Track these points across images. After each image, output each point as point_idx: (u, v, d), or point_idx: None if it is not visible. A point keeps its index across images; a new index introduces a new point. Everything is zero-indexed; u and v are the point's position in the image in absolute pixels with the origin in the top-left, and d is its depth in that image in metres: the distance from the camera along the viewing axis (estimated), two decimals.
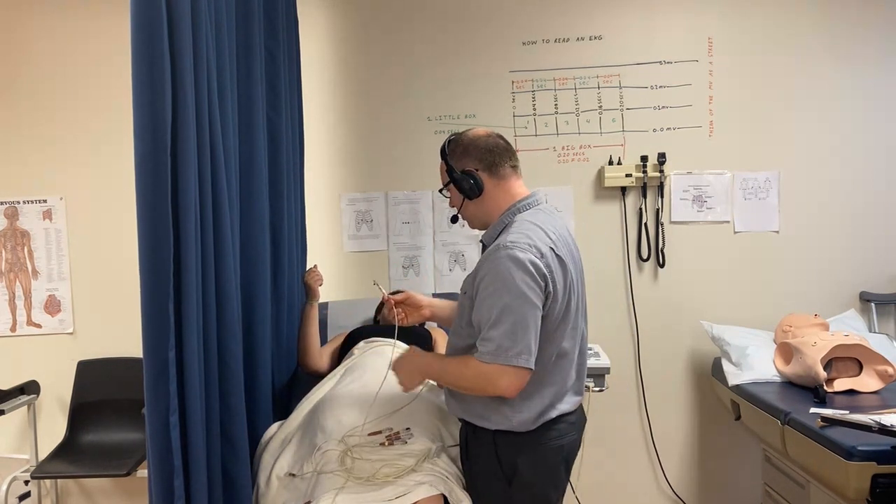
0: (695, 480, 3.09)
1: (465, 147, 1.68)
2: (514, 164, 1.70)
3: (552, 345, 1.60)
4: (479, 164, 1.66)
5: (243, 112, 2.04)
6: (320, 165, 3.09)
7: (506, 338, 1.49)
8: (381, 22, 3.08)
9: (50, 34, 3.07)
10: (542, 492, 1.68)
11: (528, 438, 1.63)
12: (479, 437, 1.68)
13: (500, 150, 1.67)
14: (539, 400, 1.61)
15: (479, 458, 1.70)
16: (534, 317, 1.51)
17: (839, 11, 2.98)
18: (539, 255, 1.52)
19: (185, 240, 1.48)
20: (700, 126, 3.03)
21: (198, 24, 1.53)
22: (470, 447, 1.73)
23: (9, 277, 3.12)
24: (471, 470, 1.75)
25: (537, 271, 1.51)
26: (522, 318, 1.49)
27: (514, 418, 1.61)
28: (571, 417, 1.70)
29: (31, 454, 2.99)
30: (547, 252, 1.55)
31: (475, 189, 1.65)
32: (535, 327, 1.52)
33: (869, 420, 1.89)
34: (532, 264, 1.50)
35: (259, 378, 2.10)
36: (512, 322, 1.49)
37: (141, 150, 1.38)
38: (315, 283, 2.57)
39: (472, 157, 1.66)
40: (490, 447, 1.65)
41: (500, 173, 1.67)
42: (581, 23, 3.05)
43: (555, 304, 1.56)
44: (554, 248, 1.57)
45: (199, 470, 1.52)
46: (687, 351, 3.07)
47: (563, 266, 1.58)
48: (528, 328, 1.50)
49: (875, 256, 3.01)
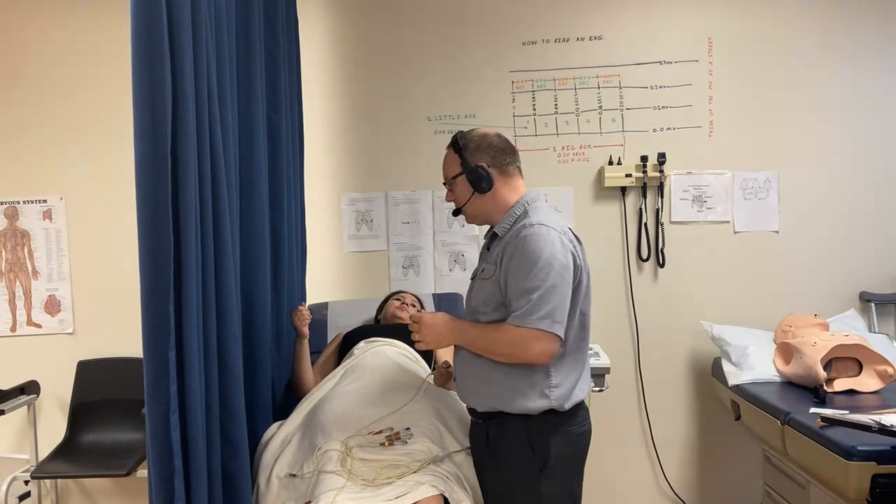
0: (695, 480, 3.09)
1: (477, 143, 1.76)
2: (518, 165, 1.81)
3: (579, 318, 1.70)
4: (491, 160, 1.75)
5: (243, 112, 2.04)
6: (320, 165, 3.09)
7: (540, 305, 1.58)
8: (381, 22, 3.08)
9: (50, 34, 3.07)
10: (569, 482, 1.73)
11: (560, 421, 1.69)
12: (508, 429, 1.70)
13: (509, 150, 1.78)
14: (573, 374, 1.70)
15: (507, 450, 1.71)
16: (565, 288, 1.61)
17: (839, 12, 2.98)
18: (561, 231, 1.66)
19: (185, 240, 1.48)
20: (700, 126, 3.03)
21: (198, 24, 1.53)
22: (494, 442, 1.73)
23: (9, 277, 3.12)
24: (497, 466, 1.73)
25: (564, 246, 1.63)
26: (554, 287, 1.59)
27: (553, 393, 1.66)
28: (586, 403, 1.79)
29: (31, 454, 2.99)
30: (566, 230, 1.69)
31: (487, 183, 1.73)
32: (567, 298, 1.62)
33: (869, 420, 1.89)
34: (560, 240, 1.63)
35: (259, 378, 2.10)
36: (546, 290, 1.58)
37: (141, 151, 1.38)
38: (302, 324, 2.38)
39: (485, 153, 1.75)
40: (521, 436, 1.68)
41: (508, 171, 1.77)
42: (581, 23, 3.05)
43: (580, 277, 1.67)
44: (571, 228, 1.72)
45: (199, 470, 1.52)
46: (687, 351, 3.07)
47: (580, 244, 1.73)
48: (561, 298, 1.60)
49: (875, 256, 3.01)
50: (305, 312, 2.40)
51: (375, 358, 2.22)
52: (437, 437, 1.90)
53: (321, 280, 3.05)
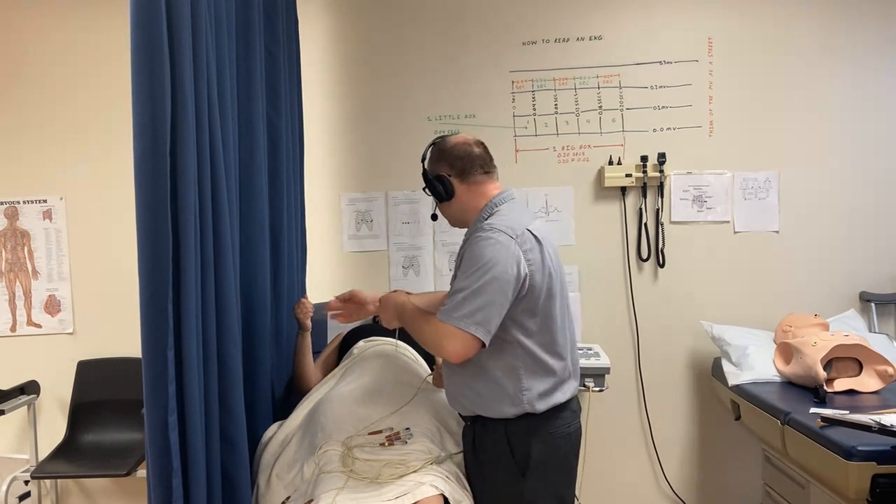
0: (695, 480, 3.09)
1: (439, 153, 1.81)
2: (487, 171, 1.80)
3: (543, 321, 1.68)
4: (451, 169, 1.78)
5: (243, 112, 2.04)
6: (320, 165, 3.09)
7: (464, 304, 1.59)
8: (381, 22, 3.08)
9: (50, 34, 3.07)
10: (555, 483, 1.73)
11: (539, 424, 1.69)
12: (490, 432, 1.72)
13: (473, 157, 1.78)
14: (547, 378, 1.69)
15: (490, 453, 1.73)
16: (495, 293, 1.59)
17: (839, 12, 2.98)
18: (514, 235, 1.63)
19: (184, 240, 1.48)
20: (700, 126, 3.03)
21: (198, 23, 1.53)
22: (479, 445, 1.76)
23: (9, 277, 3.12)
24: (482, 468, 1.77)
25: (511, 253, 1.61)
26: (482, 290, 1.58)
27: (525, 396, 1.67)
28: (574, 405, 1.78)
29: (31, 454, 2.99)
30: (522, 232, 1.65)
31: (445, 193, 1.78)
32: (496, 304, 1.59)
33: (869, 420, 1.89)
34: (509, 246, 1.61)
35: (258, 378, 2.10)
36: (473, 291, 1.58)
37: (140, 150, 1.38)
38: (305, 317, 2.37)
39: (445, 163, 1.79)
40: (502, 440, 1.70)
41: (472, 179, 1.78)
42: (581, 23, 3.05)
43: (535, 278, 1.64)
44: (530, 229, 1.67)
45: (198, 470, 1.52)
46: (687, 351, 3.07)
47: (540, 245, 1.68)
48: (488, 301, 1.58)
49: (875, 256, 3.01)
50: (308, 305, 2.40)
51: (375, 358, 2.23)
52: (436, 437, 1.90)
53: (321, 280, 3.05)
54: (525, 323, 1.66)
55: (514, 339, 1.67)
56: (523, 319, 1.66)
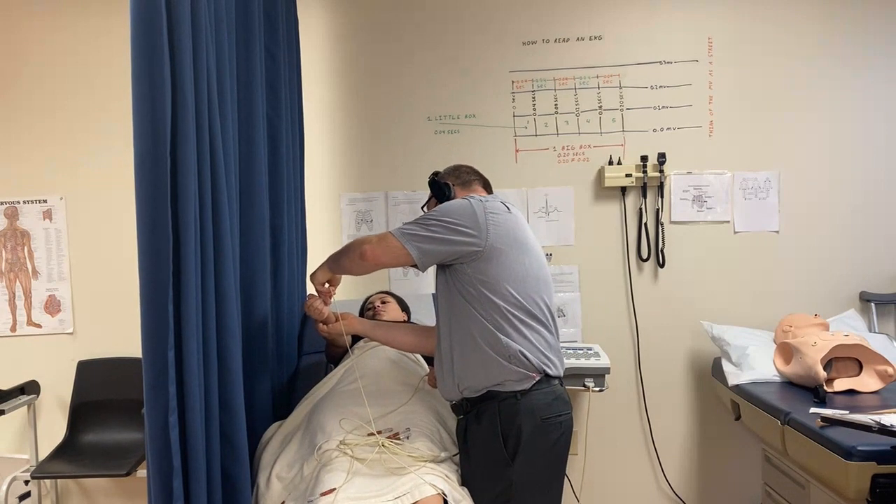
0: (695, 480, 3.09)
1: (450, 171, 2.11)
2: (482, 184, 2.09)
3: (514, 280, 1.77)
4: (456, 180, 2.07)
5: (243, 112, 2.04)
6: (320, 165, 3.09)
7: (409, 224, 1.79)
8: (381, 22, 3.08)
9: (50, 34, 3.07)
10: (543, 473, 1.77)
11: (530, 406, 1.73)
12: (482, 415, 1.76)
13: (472, 171, 2.10)
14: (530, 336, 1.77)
15: (480, 440, 1.77)
16: (440, 228, 1.75)
17: (839, 12, 2.98)
18: (483, 200, 1.81)
19: (184, 240, 1.48)
20: (700, 126, 3.03)
21: (198, 24, 1.53)
22: (470, 434, 1.79)
23: (9, 277, 3.12)
24: (470, 457, 1.80)
25: (473, 207, 1.78)
26: (428, 219, 1.78)
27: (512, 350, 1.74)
28: (564, 395, 1.83)
29: (31, 454, 2.99)
30: (495, 202, 1.83)
31: (449, 192, 2.01)
32: (438, 241, 1.75)
33: (869, 420, 1.88)
34: (472, 202, 1.79)
35: (258, 378, 2.10)
36: (422, 217, 1.80)
37: (140, 150, 1.38)
38: (318, 317, 2.10)
39: (452, 177, 2.08)
40: (494, 422, 1.74)
41: (469, 186, 2.06)
42: (581, 23, 3.05)
43: (494, 242, 1.75)
44: (506, 204, 1.86)
45: (199, 470, 1.52)
46: (687, 351, 3.07)
47: (516, 218, 1.84)
48: (430, 230, 1.76)
49: (875, 256, 3.01)
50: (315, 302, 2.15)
51: (374, 358, 2.22)
52: (436, 437, 1.90)
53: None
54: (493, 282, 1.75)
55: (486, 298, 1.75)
56: (489, 275, 1.75)
